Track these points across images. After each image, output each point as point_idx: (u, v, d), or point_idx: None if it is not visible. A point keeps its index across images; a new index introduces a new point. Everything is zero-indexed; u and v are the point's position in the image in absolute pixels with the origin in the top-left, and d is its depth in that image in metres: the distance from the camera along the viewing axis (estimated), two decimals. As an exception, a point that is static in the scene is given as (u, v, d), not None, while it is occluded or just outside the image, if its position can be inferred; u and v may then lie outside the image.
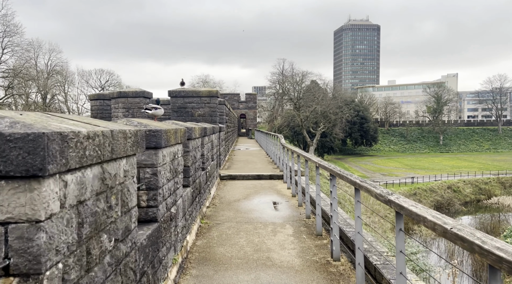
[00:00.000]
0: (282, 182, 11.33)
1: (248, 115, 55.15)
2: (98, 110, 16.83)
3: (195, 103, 11.34)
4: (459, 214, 50.40)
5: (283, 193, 9.68)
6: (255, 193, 9.75)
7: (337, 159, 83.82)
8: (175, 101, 11.33)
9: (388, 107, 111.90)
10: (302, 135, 73.74)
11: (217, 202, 8.60)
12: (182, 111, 11.28)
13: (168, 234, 4.17)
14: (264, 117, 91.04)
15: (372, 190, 3.11)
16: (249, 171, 13.05)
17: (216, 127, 10.60)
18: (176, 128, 4.45)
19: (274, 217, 7.12)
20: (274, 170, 13.38)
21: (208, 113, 11.39)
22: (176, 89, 11.39)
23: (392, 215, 29.69)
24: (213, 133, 10.00)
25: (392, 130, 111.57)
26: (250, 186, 10.68)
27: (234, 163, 15.96)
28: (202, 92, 11.34)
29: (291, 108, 78.62)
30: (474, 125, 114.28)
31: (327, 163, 5.44)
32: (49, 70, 65.14)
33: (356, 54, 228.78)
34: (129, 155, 2.73)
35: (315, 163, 5.73)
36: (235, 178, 11.89)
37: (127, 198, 2.74)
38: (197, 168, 6.68)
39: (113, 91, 12.30)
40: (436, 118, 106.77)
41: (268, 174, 12.03)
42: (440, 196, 54.15)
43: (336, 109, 73.47)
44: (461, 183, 58.63)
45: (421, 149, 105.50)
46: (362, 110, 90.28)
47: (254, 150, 24.07)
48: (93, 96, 17.44)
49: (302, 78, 74.27)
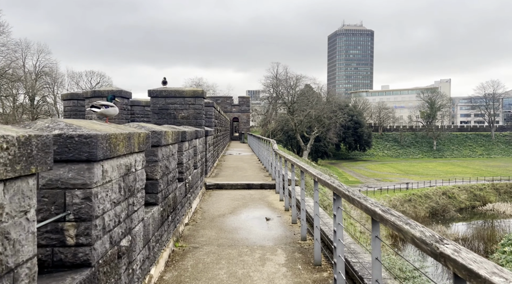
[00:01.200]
0: (274, 192, 10.22)
1: (241, 119, 54.04)
2: (71, 111, 15.43)
3: (178, 104, 10.21)
4: (454, 221, 49.67)
5: (275, 206, 8.56)
6: (243, 205, 8.62)
7: (331, 164, 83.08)
8: (155, 102, 10.18)
9: (382, 112, 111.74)
10: (296, 139, 72.81)
11: (198, 217, 7.46)
12: (163, 113, 10.15)
13: (114, 277, 3.03)
14: (257, 121, 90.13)
15: (407, 231, 2.01)
16: (238, 179, 11.93)
17: (201, 131, 9.48)
18: (130, 133, 3.32)
19: (264, 238, 5.99)
20: (265, 178, 12.27)
21: (193, 116, 10.26)
22: (157, 88, 10.24)
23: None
24: (197, 137, 8.87)
25: (385, 135, 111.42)
26: (239, 197, 9.55)
27: (223, 169, 14.82)
28: (186, 92, 10.20)
29: (285, 112, 77.76)
30: (467, 130, 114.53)
31: (329, 177, 4.33)
32: (37, 71, 63.54)
33: (350, 59, 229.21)
34: (9, 178, 1.61)
35: (314, 177, 4.63)
36: (222, 187, 10.76)
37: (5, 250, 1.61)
38: (171, 180, 5.55)
39: (87, 90, 11.12)
40: (430, 123, 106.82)
41: (258, 183, 10.91)
42: (435, 202, 53.45)
43: (330, 114, 72.73)
44: (456, 189, 58.04)
45: (415, 154, 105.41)
46: (356, 115, 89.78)
47: (246, 155, 22.96)
48: (65, 96, 15.97)
49: (296, 82, 73.48)
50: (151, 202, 4.69)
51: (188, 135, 7.10)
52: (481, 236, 39.31)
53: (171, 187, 5.50)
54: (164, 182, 5.07)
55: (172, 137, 5.45)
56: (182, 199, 6.59)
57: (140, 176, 3.76)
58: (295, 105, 72.15)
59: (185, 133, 6.81)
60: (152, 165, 4.68)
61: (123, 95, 11.51)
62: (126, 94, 11.96)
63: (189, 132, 7.22)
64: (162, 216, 4.88)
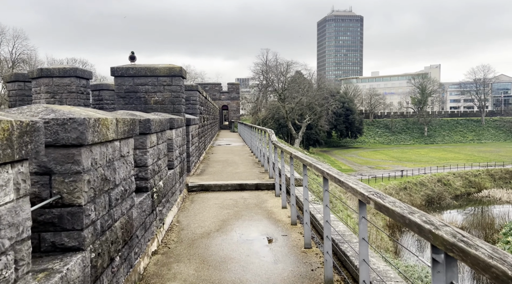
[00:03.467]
0: (274, 195, 8.17)
1: (231, 106, 51.69)
2: (17, 96, 12.69)
3: (150, 86, 8.01)
4: (450, 208, 48.62)
5: (277, 216, 6.51)
6: (235, 216, 6.55)
7: (323, 152, 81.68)
8: (121, 83, 7.93)
9: (373, 99, 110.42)
10: (287, 127, 70.87)
11: (173, 239, 5.36)
12: (131, 97, 7.94)
13: None
14: (247, 109, 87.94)
15: None
16: (228, 177, 9.84)
17: (179, 120, 7.33)
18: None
19: (268, 280, 3.95)
20: (261, 175, 10.20)
21: (169, 100, 8.07)
22: (123, 65, 7.99)
23: None
24: (173, 127, 6.73)
25: (377, 122, 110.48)
26: (229, 203, 7.48)
27: (210, 164, 12.70)
28: (159, 70, 7.97)
29: (275, 100, 75.58)
30: (458, 116, 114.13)
31: (387, 197, 2.29)
32: (14, 58, 60.02)
33: (339, 45, 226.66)
34: None
35: (357, 192, 2.57)
36: (208, 189, 8.67)
37: None
38: (117, 198, 3.44)
39: (33, 70, 8.76)
40: (421, 109, 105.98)
41: (253, 182, 8.83)
42: (431, 190, 52.34)
43: (322, 101, 70.80)
44: (451, 176, 57.03)
45: (406, 140, 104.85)
46: (347, 101, 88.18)
47: (237, 146, 20.84)
48: (8, 77, 13.14)
49: (287, 68, 71.12)
50: (69, 246, 2.59)
51: (154, 125, 4.96)
52: (480, 224, 38.20)
53: (116, 210, 3.38)
54: (100, 206, 2.96)
55: (117, 128, 3.31)
56: (144, 219, 4.49)
57: (17, 209, 1.65)
58: (286, 92, 70.00)
59: (148, 122, 4.67)
60: (69, 181, 2.56)
61: (79, 75, 9.00)
62: (84, 74, 9.39)
63: (156, 120, 5.07)
64: (93, 270, 2.78)
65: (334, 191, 19.04)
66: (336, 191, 18.83)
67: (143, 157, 4.74)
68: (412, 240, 35.00)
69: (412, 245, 32.94)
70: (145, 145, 4.73)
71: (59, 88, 8.38)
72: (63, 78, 8.37)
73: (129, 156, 3.80)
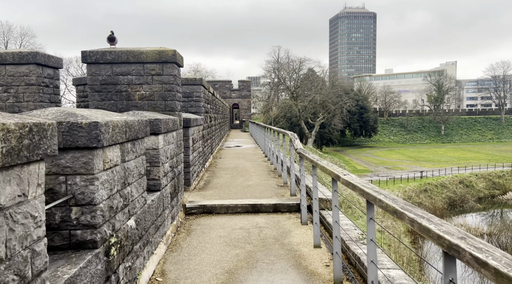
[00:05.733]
0: (299, 221, 6.07)
1: (242, 105, 49.63)
2: None
3: (135, 76, 5.97)
4: (473, 211, 45.86)
5: (310, 266, 4.40)
6: (247, 263, 4.47)
7: (336, 151, 79.31)
8: (95, 72, 5.90)
9: (387, 97, 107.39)
10: (299, 126, 68.59)
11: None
12: (109, 91, 5.91)
13: None
14: (259, 108, 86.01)
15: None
16: (238, 193, 7.79)
17: (170, 120, 5.30)
18: None
19: None
20: (279, 190, 8.11)
21: (160, 94, 6.00)
22: (98, 49, 5.98)
23: None
24: (158, 132, 4.70)
25: (391, 120, 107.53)
26: (239, 236, 5.41)
27: (216, 173, 10.64)
28: (146, 55, 5.90)
29: (287, 98, 73.35)
30: (476, 114, 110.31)
31: None
32: (21, 57, 59.01)
33: (352, 42, 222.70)
34: None
35: None
36: (212, 211, 6.63)
37: None
38: None
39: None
40: (437, 107, 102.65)
41: (271, 202, 6.73)
42: (452, 192, 49.58)
43: (336, 99, 68.32)
44: (473, 177, 54.12)
45: (422, 139, 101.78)
46: (362, 99, 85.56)
47: (248, 148, 18.77)
48: None
49: (300, 65, 68.78)
50: None
51: (111, 133, 2.91)
52: (510, 229, 35.44)
53: None
54: None
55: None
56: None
57: None
58: (298, 90, 67.73)
59: (95, 128, 2.63)
60: None
61: (39, 62, 6.51)
62: (48, 61, 6.97)
63: (117, 123, 3.02)
64: None
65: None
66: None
67: (88, 188, 2.70)
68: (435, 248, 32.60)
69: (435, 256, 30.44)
70: (90, 167, 2.69)
71: (14, 79, 6.36)
72: (18, 65, 6.35)
73: (27, 204, 1.76)
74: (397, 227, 32.79)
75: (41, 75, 6.72)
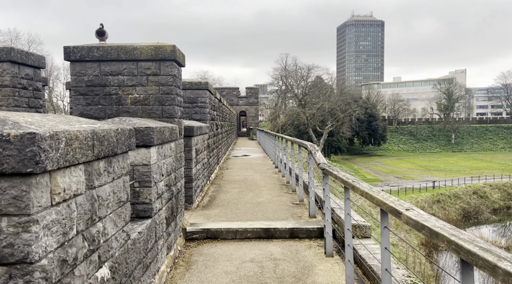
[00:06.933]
0: (322, 251, 5.02)
1: (249, 112, 48.70)
2: None
3: (126, 76, 5.02)
4: (488, 223, 44.21)
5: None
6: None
7: (344, 160, 77.88)
8: (81, 71, 4.97)
9: (396, 105, 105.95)
10: (307, 134, 67.46)
11: None
12: (96, 94, 4.97)
13: None
14: (266, 115, 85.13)
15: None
16: (248, 212, 6.75)
17: (166, 129, 4.32)
18: None
19: None
20: (295, 209, 7.04)
21: (156, 98, 5.03)
22: (84, 45, 5.05)
23: None
24: (150, 144, 3.71)
25: (400, 129, 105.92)
26: (250, 272, 4.35)
27: (223, 187, 9.62)
28: (140, 51, 4.95)
29: (294, 105, 72.39)
30: (487, 122, 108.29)
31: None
32: (28, 64, 58.87)
33: (359, 50, 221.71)
34: None
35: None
36: (217, 237, 5.61)
37: None
38: None
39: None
40: (447, 115, 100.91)
41: (287, 226, 5.68)
42: (466, 203, 47.92)
43: (344, 106, 67.17)
44: (487, 187, 52.40)
45: (432, 148, 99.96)
46: (370, 107, 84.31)
47: (257, 158, 17.74)
48: None
49: (308, 72, 67.87)
50: None
51: (62, 149, 1.92)
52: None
53: None
54: None
55: None
56: None
57: None
58: (306, 97, 66.75)
59: (33, 141, 1.64)
60: None
61: (14, 59, 5.65)
62: (26, 59, 6.07)
63: (79, 133, 2.03)
64: None
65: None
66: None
67: (20, 238, 1.70)
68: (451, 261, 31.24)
69: (451, 268, 29.15)
70: (25, 205, 1.69)
71: (-15, 80, 5.50)
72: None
73: None
74: (410, 240, 31.41)
75: (17, 75, 5.78)
